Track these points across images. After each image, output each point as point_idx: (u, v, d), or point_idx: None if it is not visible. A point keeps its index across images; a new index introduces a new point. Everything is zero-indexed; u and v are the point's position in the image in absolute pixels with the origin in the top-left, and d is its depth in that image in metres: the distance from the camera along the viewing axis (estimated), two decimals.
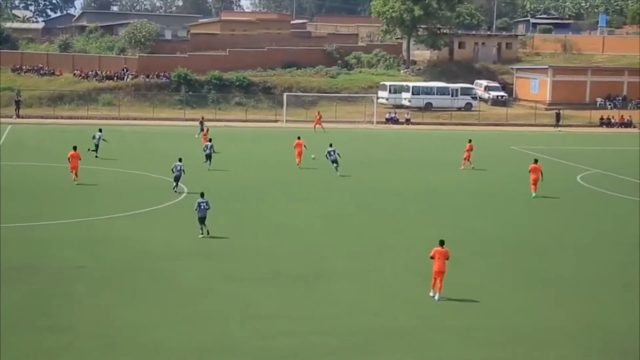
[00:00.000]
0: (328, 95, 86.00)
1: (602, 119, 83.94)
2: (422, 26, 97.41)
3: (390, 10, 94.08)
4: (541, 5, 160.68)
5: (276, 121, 78.86)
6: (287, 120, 77.67)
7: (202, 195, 30.11)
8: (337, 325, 21.08)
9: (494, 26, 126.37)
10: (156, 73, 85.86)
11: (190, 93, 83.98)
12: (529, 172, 40.41)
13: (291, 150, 48.87)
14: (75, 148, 40.82)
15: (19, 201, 35.49)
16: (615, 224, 35.02)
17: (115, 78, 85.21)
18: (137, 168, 45.80)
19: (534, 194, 39.75)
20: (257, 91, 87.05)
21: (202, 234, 29.73)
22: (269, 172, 46.21)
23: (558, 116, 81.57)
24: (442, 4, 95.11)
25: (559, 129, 79.49)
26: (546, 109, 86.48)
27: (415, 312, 22.41)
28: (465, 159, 48.80)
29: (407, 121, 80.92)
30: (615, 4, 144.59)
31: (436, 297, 23.31)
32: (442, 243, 23.61)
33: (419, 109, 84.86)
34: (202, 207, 29.46)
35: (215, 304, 22.58)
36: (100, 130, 50.98)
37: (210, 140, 48.22)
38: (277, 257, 27.72)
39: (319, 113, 73.16)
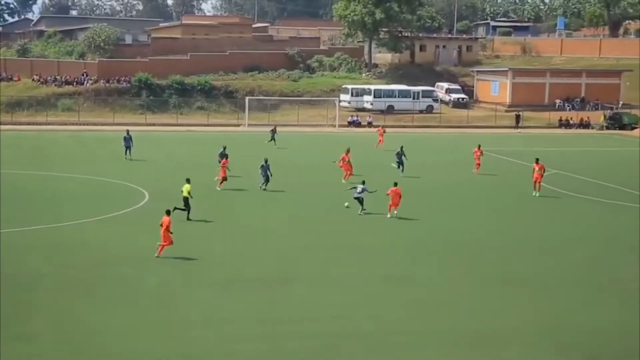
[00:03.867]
0: (290, 98, 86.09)
1: (561, 120, 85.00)
2: (384, 29, 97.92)
3: (352, 14, 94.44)
4: (501, 9, 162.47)
5: (238, 125, 78.71)
6: (249, 124, 77.58)
7: (363, 182, 36.29)
8: (300, 329, 21.14)
9: (455, 29, 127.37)
10: (116, 78, 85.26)
11: (151, 98, 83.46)
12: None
13: (256, 154, 48.82)
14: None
15: None
16: (576, 224, 35.50)
17: (74, 83, 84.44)
18: (98, 174, 45.44)
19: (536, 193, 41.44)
20: (219, 95, 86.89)
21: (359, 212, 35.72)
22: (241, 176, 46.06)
23: (518, 118, 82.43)
24: (404, 7, 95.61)
25: (519, 130, 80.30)
26: (506, 111, 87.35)
27: (378, 315, 22.51)
28: (478, 163, 48.69)
29: (369, 124, 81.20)
30: (573, 7, 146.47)
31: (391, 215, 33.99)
32: (395, 184, 34.68)
33: (381, 111, 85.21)
34: (358, 191, 35.72)
35: (180, 308, 22.52)
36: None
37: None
38: (240, 262, 27.68)
39: (382, 128, 64.59)
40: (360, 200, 35.79)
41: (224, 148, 45.71)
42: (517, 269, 27.53)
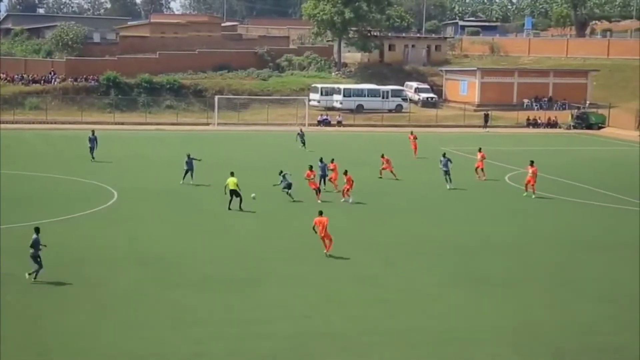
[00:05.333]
0: (260, 97, 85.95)
1: (528, 119, 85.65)
2: (353, 29, 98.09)
3: (321, 13, 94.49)
4: (469, 8, 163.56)
5: (208, 124, 78.46)
6: (218, 123, 77.36)
7: (281, 172, 38.77)
8: (271, 330, 21.09)
9: (424, 29, 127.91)
10: (84, 76, 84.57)
11: (119, 96, 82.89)
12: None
13: (220, 153, 48.59)
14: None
15: None
16: (544, 223, 35.77)
17: (42, 81, 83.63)
18: (67, 173, 45.08)
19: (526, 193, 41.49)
20: (188, 94, 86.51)
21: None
22: (211, 175, 45.90)
23: (486, 117, 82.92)
24: (372, 7, 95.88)
25: (488, 129, 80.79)
26: (475, 110, 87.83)
27: (349, 314, 22.53)
28: (479, 168, 46.86)
29: (339, 123, 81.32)
30: (541, 7, 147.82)
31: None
32: (345, 172, 37.95)
33: (351, 111, 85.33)
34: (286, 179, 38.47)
35: (150, 309, 22.39)
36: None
37: None
38: (211, 262, 27.59)
39: (383, 156, 47.89)
40: (288, 186, 38.42)
41: (188, 156, 43.98)
42: (487, 268, 27.69)
